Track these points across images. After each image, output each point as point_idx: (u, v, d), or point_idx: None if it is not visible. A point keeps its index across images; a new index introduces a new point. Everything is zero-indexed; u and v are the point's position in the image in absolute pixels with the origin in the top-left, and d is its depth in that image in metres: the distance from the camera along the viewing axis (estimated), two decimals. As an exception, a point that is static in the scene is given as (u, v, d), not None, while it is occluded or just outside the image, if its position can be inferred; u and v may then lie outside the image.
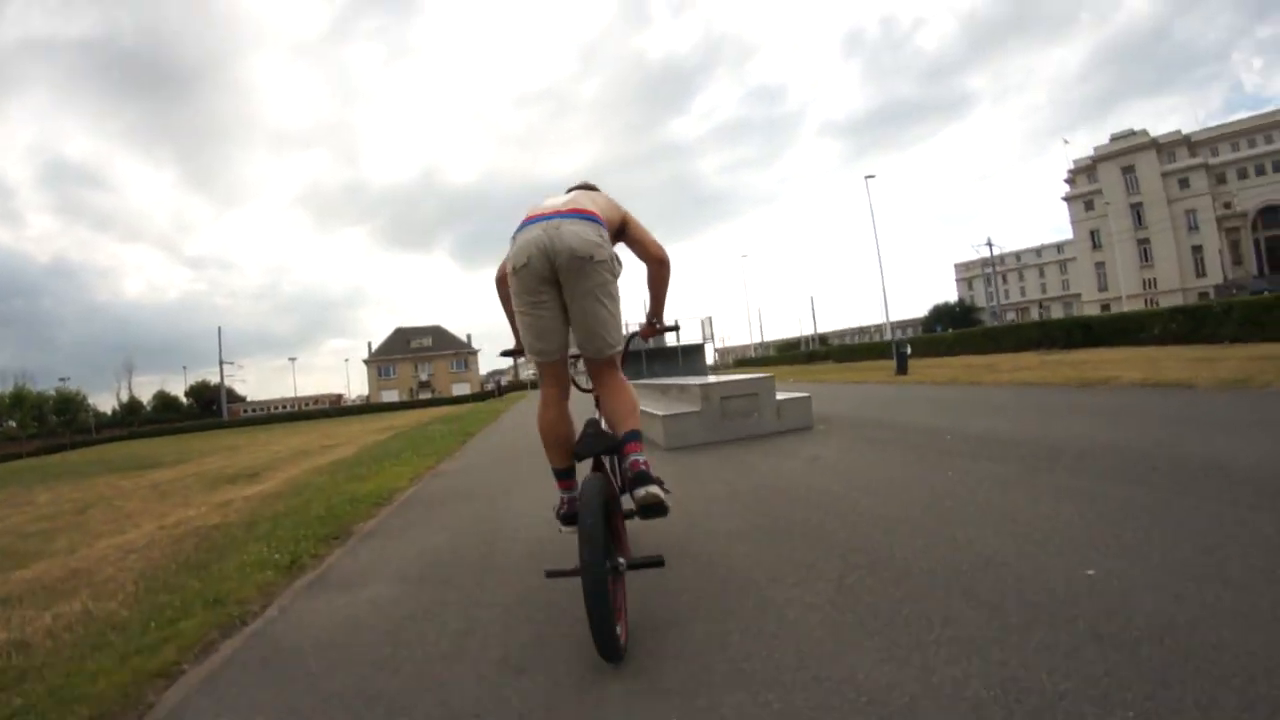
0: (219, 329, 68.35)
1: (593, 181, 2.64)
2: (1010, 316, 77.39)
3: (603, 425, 2.28)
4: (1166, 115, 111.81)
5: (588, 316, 2.16)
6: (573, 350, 2.35)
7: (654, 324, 2.60)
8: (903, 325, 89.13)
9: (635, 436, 2.13)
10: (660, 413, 6.84)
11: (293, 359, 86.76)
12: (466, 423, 16.31)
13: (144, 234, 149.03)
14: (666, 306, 2.58)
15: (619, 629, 1.82)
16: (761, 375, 7.17)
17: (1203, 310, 19.17)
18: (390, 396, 70.79)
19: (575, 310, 2.16)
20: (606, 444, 2.16)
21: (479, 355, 76.05)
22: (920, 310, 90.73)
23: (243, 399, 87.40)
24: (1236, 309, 18.24)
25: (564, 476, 2.35)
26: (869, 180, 38.72)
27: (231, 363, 69.66)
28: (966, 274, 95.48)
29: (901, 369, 16.09)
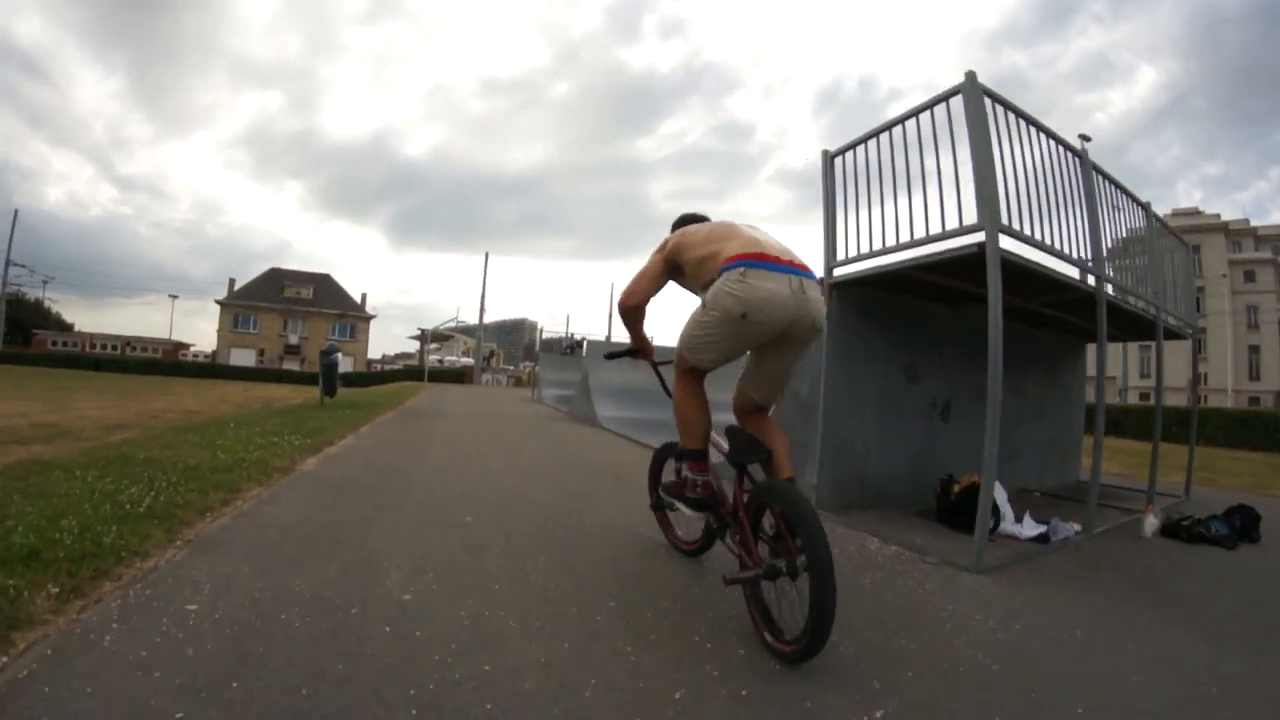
0: (14, 212, 48.35)
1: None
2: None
3: (749, 434, 2.19)
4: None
5: (784, 373, 2.22)
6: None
7: None
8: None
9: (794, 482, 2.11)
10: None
11: (174, 296, 66.71)
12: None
13: (77, 141, 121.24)
14: None
15: None
16: None
17: None
18: (244, 358, 52.71)
19: (777, 364, 2.17)
20: (763, 455, 2.09)
21: (371, 324, 59.02)
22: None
23: (69, 327, 66.89)
24: None
25: (701, 457, 2.25)
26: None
27: (25, 268, 48.38)
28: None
29: None
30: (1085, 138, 27.85)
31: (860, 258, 3.74)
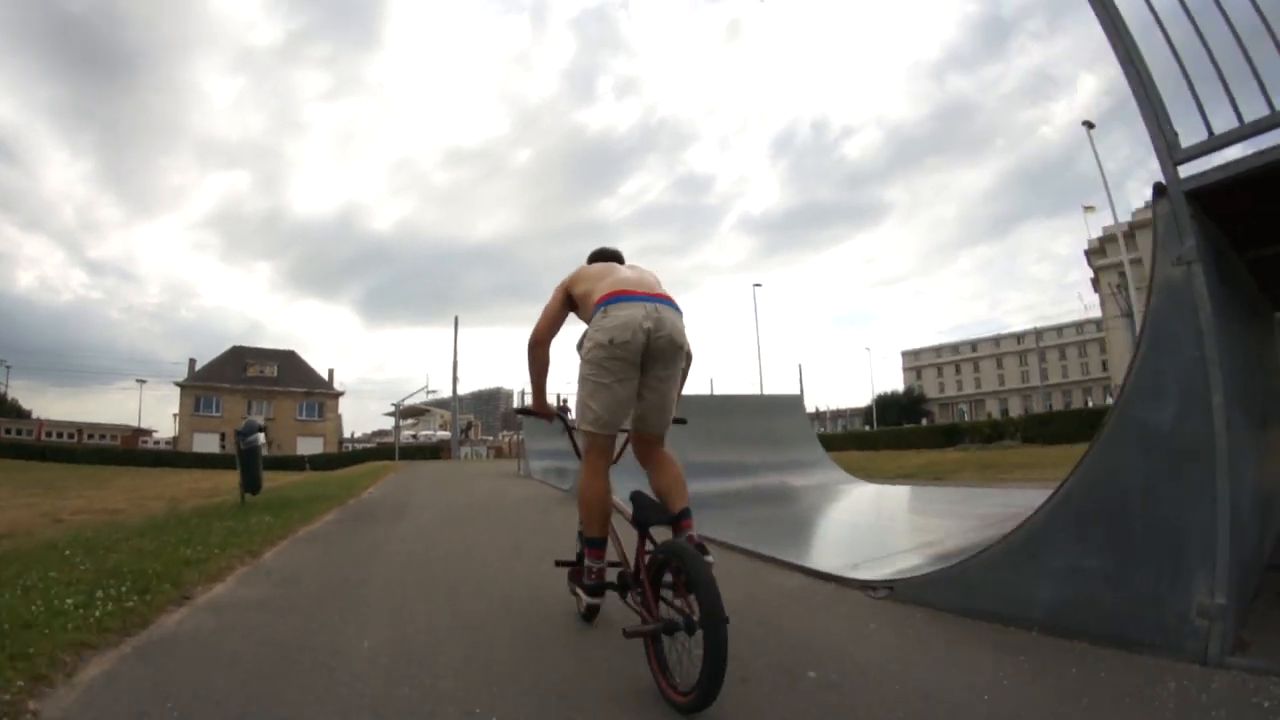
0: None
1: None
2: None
3: (653, 498, 2.24)
4: (1061, 235, 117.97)
5: (665, 398, 2.32)
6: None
7: None
8: (843, 415, 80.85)
9: (689, 514, 2.21)
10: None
11: (141, 381, 62.79)
12: None
13: (47, 224, 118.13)
14: None
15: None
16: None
17: None
18: (207, 443, 49.45)
19: (654, 391, 2.28)
20: (666, 518, 2.17)
21: (340, 401, 56.21)
22: (859, 400, 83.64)
23: (27, 414, 62.81)
24: None
25: (600, 545, 2.29)
26: (756, 288, 46.86)
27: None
28: (915, 363, 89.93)
29: None
30: (1089, 124, 26.60)
31: (1265, 127, 1.92)
